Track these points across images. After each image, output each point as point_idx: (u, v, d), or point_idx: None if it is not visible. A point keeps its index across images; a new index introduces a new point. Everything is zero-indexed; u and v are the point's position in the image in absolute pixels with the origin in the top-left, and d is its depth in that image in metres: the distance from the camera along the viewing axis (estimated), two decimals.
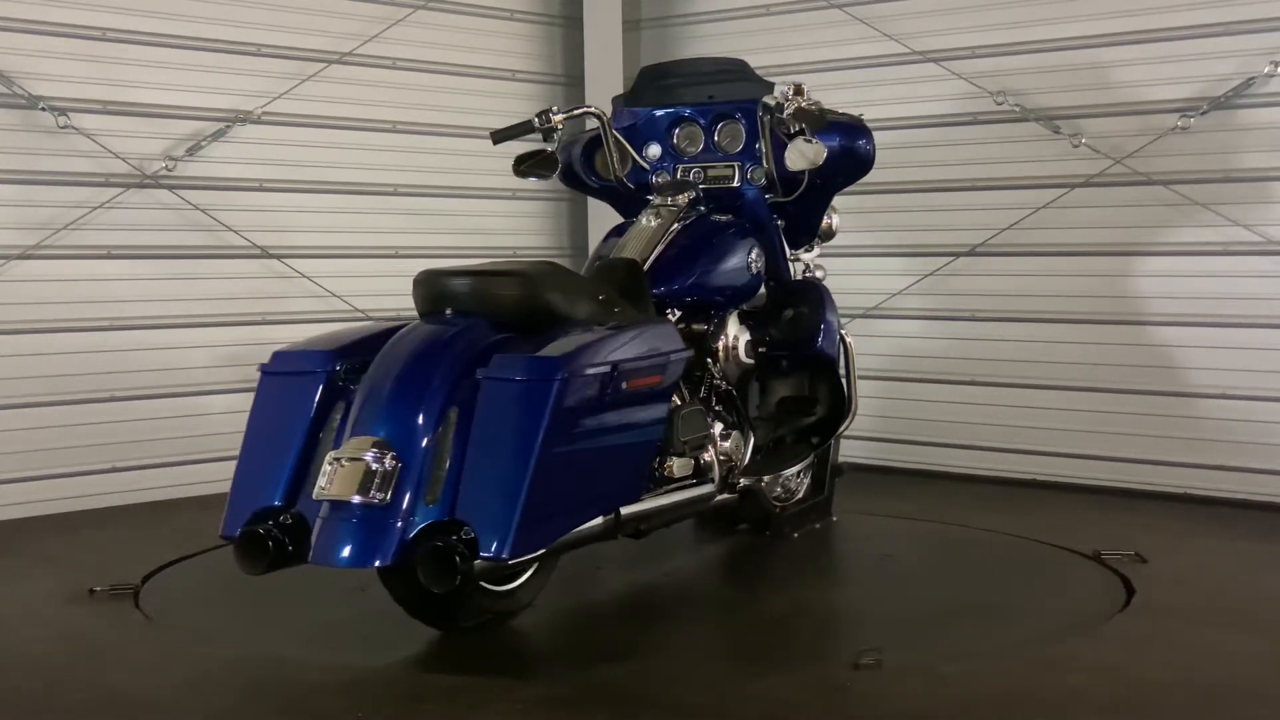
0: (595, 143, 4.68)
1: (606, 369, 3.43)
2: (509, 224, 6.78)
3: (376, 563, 3.27)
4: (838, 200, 4.77)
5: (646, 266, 4.15)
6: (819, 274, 4.81)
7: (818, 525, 4.95)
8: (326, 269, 6.12)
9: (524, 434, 3.27)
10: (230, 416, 5.84)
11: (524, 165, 4.42)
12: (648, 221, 4.29)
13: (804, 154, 4.25)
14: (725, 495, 4.21)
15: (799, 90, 4.26)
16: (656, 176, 4.59)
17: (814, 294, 4.57)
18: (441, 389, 3.38)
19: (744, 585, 4.41)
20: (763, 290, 4.54)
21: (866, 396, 6.27)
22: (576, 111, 4.51)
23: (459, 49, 6.55)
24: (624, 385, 3.49)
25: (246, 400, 5.83)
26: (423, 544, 3.22)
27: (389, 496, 3.25)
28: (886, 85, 6.20)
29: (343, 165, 6.18)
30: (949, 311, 6.12)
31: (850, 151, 4.48)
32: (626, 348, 3.55)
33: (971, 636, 3.77)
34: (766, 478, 4.53)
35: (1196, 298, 5.50)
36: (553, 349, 3.42)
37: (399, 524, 3.25)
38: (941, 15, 6.06)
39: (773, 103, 4.31)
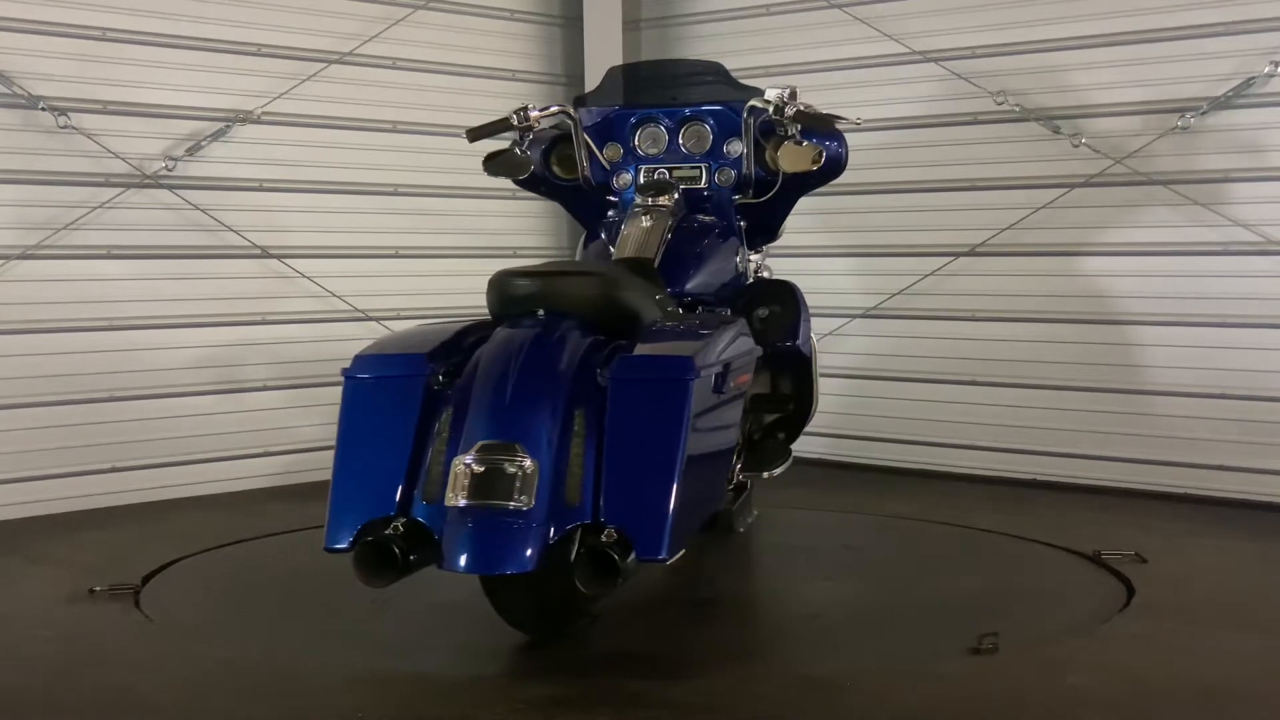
0: (553, 143, 4.66)
1: (721, 368, 3.47)
2: (509, 224, 6.78)
3: (519, 568, 3.19)
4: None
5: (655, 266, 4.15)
6: (764, 274, 4.82)
7: (750, 520, 4.98)
8: (326, 269, 6.11)
9: (666, 434, 3.25)
10: (231, 416, 5.88)
11: (493, 164, 4.42)
12: (641, 222, 4.27)
13: (803, 156, 4.27)
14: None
15: (794, 94, 4.26)
16: (618, 177, 4.56)
17: (787, 292, 4.57)
18: (562, 390, 3.33)
19: (739, 584, 4.41)
20: None
21: (868, 396, 6.32)
22: (551, 110, 4.47)
23: (459, 49, 6.55)
24: (730, 384, 3.54)
25: (246, 400, 5.94)
26: (572, 547, 3.19)
27: (531, 500, 3.19)
28: (887, 85, 6.20)
29: (343, 165, 6.18)
30: (949, 311, 6.12)
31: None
32: (731, 347, 3.58)
33: (971, 636, 3.77)
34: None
35: (1196, 298, 5.50)
36: (670, 348, 3.44)
37: (541, 528, 3.20)
38: (941, 15, 6.06)
39: (770, 105, 4.30)
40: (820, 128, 4.29)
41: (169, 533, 5.01)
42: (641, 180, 4.51)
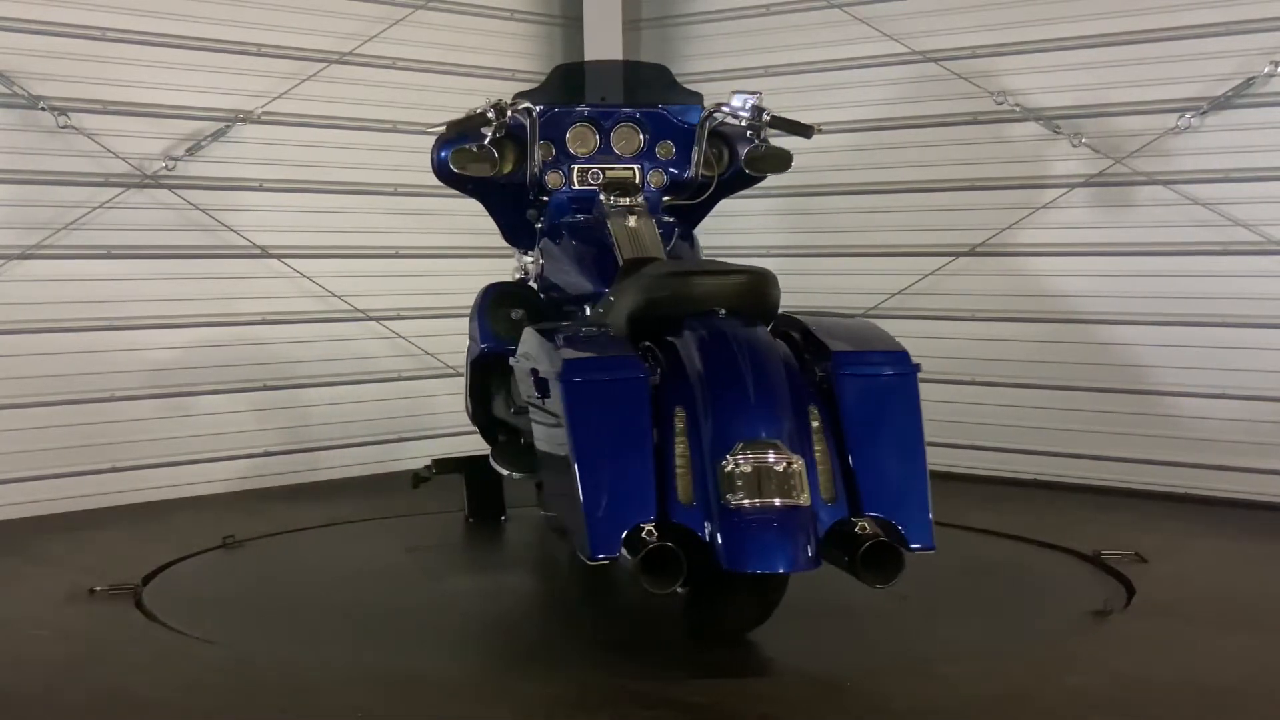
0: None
1: None
2: None
3: (812, 565, 3.22)
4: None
5: None
6: None
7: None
8: (326, 269, 6.11)
9: (911, 424, 3.44)
10: (230, 416, 5.88)
11: (460, 163, 4.41)
12: (629, 221, 4.25)
13: (780, 160, 4.35)
14: None
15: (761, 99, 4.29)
16: (548, 177, 4.52)
17: None
18: (791, 386, 3.39)
19: None
20: None
21: None
22: (521, 106, 4.44)
23: (459, 49, 6.55)
24: None
25: (245, 400, 5.93)
26: (851, 542, 3.22)
27: (808, 497, 3.23)
28: (886, 85, 6.20)
29: (343, 165, 6.18)
30: (949, 311, 6.11)
31: None
32: None
33: (971, 636, 3.77)
34: None
35: (1196, 298, 5.50)
36: (877, 343, 3.57)
37: (817, 524, 3.26)
38: (941, 15, 6.06)
39: (744, 110, 4.31)
40: (804, 133, 4.33)
41: (169, 533, 5.01)
42: (575, 181, 4.49)
